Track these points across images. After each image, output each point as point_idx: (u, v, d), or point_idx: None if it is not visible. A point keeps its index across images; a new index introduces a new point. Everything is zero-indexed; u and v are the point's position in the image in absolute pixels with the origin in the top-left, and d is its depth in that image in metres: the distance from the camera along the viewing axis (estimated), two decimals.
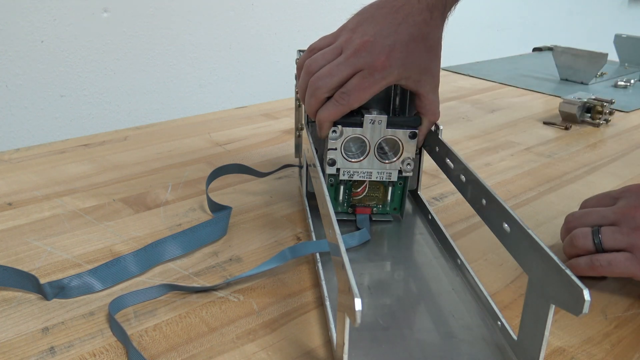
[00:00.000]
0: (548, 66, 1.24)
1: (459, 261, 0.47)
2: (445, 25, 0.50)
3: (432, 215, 0.53)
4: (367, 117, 0.48)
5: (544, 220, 0.57)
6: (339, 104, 0.47)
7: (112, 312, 0.40)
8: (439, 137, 0.51)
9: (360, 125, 0.48)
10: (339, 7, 1.25)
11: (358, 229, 0.52)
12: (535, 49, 1.52)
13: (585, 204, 0.50)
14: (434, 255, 0.49)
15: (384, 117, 0.48)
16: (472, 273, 0.45)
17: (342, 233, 0.34)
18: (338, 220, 0.42)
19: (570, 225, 0.47)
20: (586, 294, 0.29)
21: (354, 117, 0.48)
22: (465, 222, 0.56)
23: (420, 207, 0.57)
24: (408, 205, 0.58)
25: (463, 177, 0.45)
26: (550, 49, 1.36)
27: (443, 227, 0.51)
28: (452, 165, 0.47)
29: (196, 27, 1.10)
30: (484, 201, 0.40)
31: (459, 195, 0.59)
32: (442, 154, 0.49)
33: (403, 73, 0.47)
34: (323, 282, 0.43)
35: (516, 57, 1.41)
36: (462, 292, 0.44)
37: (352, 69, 0.46)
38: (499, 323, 0.39)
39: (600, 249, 0.42)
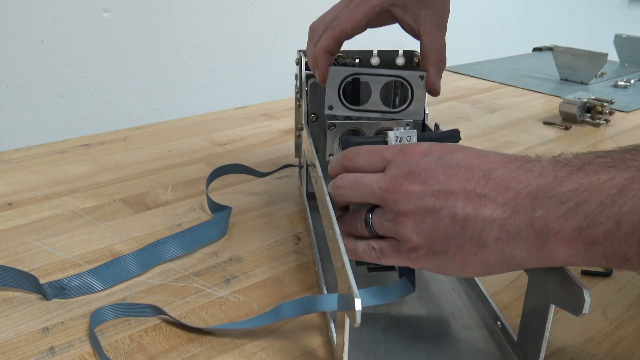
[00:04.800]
0: (548, 66, 1.24)
1: None
2: None
3: None
4: (392, 135, 0.41)
5: None
6: (332, 29, 0.47)
7: (92, 325, 0.39)
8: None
9: (385, 143, 0.40)
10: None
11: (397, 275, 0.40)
12: (535, 49, 1.52)
13: (356, 154, 0.38)
14: None
15: (412, 133, 0.41)
16: None
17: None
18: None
19: (339, 190, 0.38)
20: (586, 294, 0.29)
21: (377, 137, 0.42)
22: None
23: None
24: None
25: None
26: (550, 49, 1.36)
27: None
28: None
29: (196, 27, 1.10)
30: None
31: None
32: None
33: None
34: (323, 282, 0.43)
35: (516, 57, 1.41)
36: (462, 293, 0.44)
37: None
38: (499, 323, 0.39)
39: (375, 235, 0.37)
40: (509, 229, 0.30)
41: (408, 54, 0.55)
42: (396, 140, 0.40)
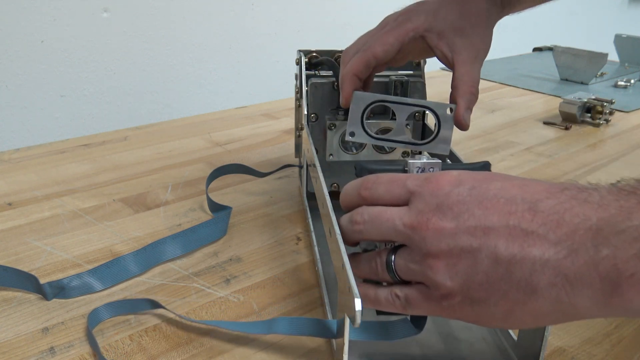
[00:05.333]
0: (548, 66, 1.24)
1: None
2: (502, 11, 0.46)
3: None
4: (413, 165, 0.36)
5: None
6: (362, 52, 0.45)
7: (90, 326, 0.39)
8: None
9: (404, 171, 0.36)
10: (339, 7, 1.25)
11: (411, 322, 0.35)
12: (535, 49, 1.52)
13: (375, 183, 0.34)
14: None
15: (437, 164, 0.36)
16: None
17: None
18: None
19: (358, 226, 0.33)
20: None
21: (395, 164, 0.37)
22: None
23: None
24: None
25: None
26: (550, 49, 1.36)
27: None
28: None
29: (196, 27, 1.10)
30: None
31: None
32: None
33: (432, 22, 0.44)
34: (323, 282, 0.43)
35: (516, 57, 1.41)
36: None
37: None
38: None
39: (398, 280, 0.32)
40: (565, 272, 0.26)
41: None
42: (417, 171, 0.36)
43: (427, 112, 0.46)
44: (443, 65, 0.51)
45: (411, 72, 0.56)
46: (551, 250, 0.26)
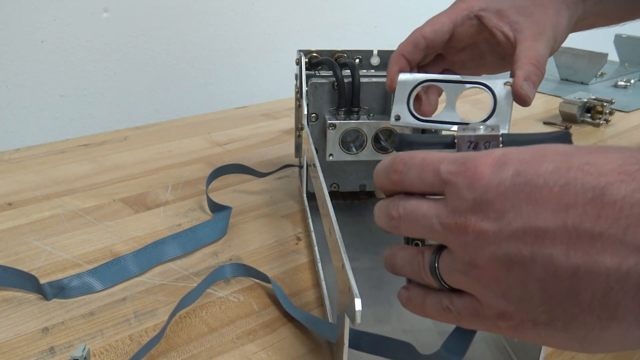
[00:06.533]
0: (548, 66, 1.24)
1: None
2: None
3: None
4: (463, 137, 0.29)
5: None
6: (412, 33, 0.41)
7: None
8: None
9: (453, 147, 0.29)
10: (339, 7, 1.25)
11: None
12: None
13: (406, 166, 0.27)
14: None
15: (494, 137, 0.28)
16: None
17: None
18: None
19: (393, 222, 0.28)
20: None
21: (441, 137, 0.30)
22: None
23: None
24: None
25: None
26: None
27: None
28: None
29: (196, 27, 1.10)
30: None
31: None
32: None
33: (489, 1, 0.40)
34: (323, 282, 0.43)
35: None
36: None
37: None
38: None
39: (446, 288, 0.27)
40: None
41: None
42: (469, 147, 0.28)
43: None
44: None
45: None
46: (631, 258, 0.20)
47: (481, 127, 0.29)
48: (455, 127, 0.40)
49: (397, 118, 0.42)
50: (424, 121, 0.42)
